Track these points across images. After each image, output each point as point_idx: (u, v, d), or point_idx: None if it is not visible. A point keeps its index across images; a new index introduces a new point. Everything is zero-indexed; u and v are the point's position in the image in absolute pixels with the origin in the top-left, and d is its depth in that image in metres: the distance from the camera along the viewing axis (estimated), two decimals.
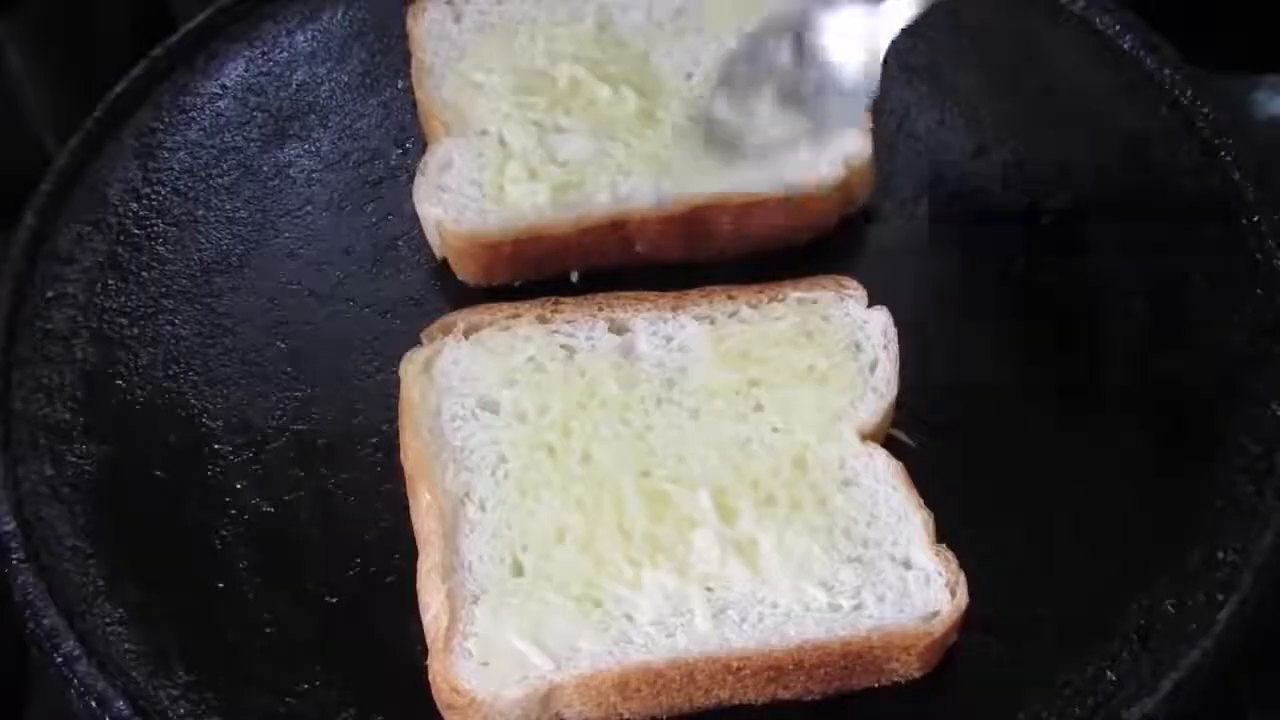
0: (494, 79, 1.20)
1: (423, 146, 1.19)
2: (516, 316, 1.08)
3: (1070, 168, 1.20)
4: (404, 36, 1.24)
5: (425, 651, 0.95)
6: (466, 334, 1.07)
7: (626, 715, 0.94)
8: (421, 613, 0.96)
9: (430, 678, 0.93)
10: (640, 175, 1.14)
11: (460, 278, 1.15)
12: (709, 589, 0.95)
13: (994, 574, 0.97)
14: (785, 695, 0.95)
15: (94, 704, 0.95)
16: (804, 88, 1.12)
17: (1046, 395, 1.09)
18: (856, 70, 1.11)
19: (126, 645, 0.98)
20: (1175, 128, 1.21)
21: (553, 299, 1.09)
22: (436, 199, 1.13)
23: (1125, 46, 1.25)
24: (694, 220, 1.13)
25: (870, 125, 1.17)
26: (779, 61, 1.13)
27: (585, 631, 0.93)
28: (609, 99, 1.18)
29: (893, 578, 0.96)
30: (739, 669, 0.93)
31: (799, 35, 1.13)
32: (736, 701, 0.95)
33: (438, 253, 1.15)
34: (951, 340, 1.11)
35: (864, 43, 1.11)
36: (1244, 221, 1.15)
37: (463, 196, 1.14)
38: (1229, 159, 1.18)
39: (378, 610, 0.99)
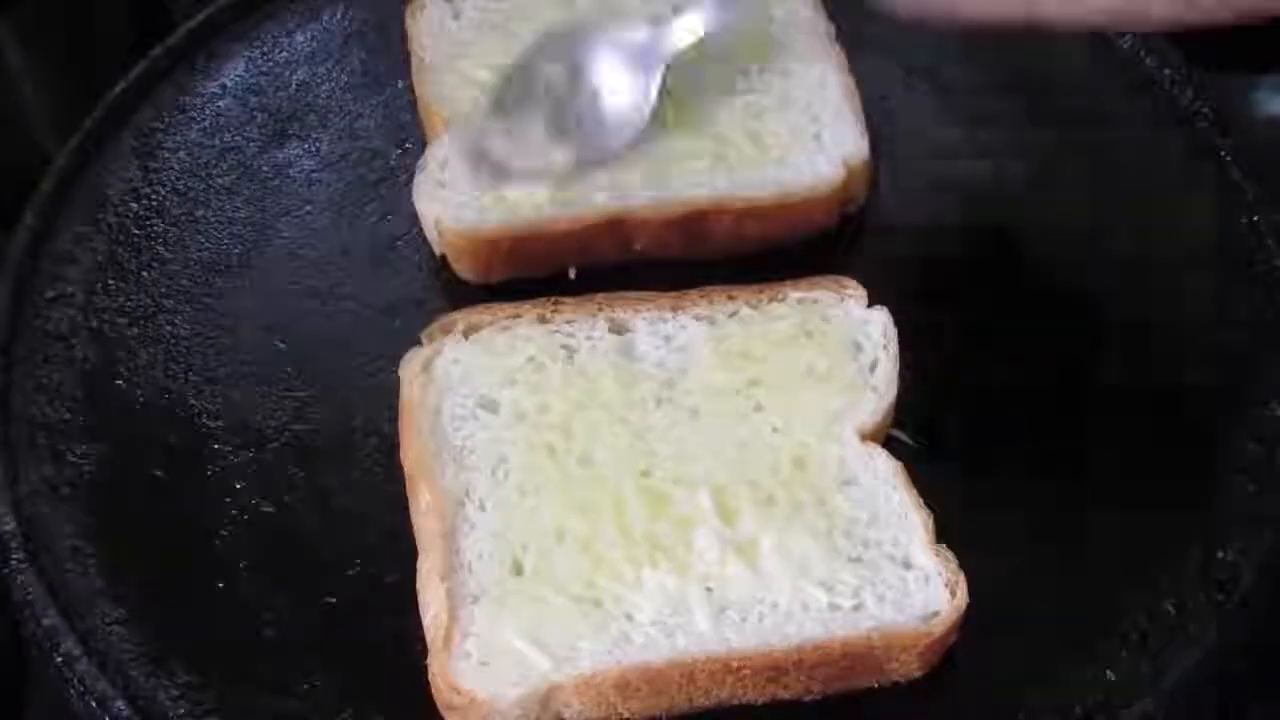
0: (493, 76, 1.20)
1: (422, 146, 1.19)
2: (516, 316, 1.08)
3: (1069, 168, 1.20)
4: (404, 35, 1.24)
5: (425, 651, 0.95)
6: (466, 334, 1.07)
7: (626, 715, 0.94)
8: (421, 613, 0.96)
9: (430, 678, 0.93)
10: (639, 173, 1.14)
11: (459, 274, 1.15)
12: (709, 589, 0.95)
13: (994, 574, 0.97)
14: (785, 695, 0.95)
15: (94, 704, 0.95)
16: (573, 116, 1.12)
17: (1046, 395, 1.09)
18: (625, 101, 1.10)
19: (126, 645, 0.97)
20: (1175, 128, 1.21)
21: (553, 299, 1.09)
22: (435, 196, 1.13)
23: (1125, 46, 1.25)
24: (692, 220, 1.13)
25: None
26: (551, 86, 1.12)
27: (585, 631, 0.93)
28: None
29: (893, 578, 0.96)
30: (739, 669, 0.92)
31: (572, 59, 1.12)
32: (736, 701, 0.95)
33: (436, 249, 1.15)
34: (951, 340, 1.11)
35: (638, 69, 1.10)
36: (1244, 221, 1.15)
37: (461, 194, 1.14)
38: (1229, 159, 1.18)
39: (378, 610, 0.99)
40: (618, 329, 1.08)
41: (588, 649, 0.93)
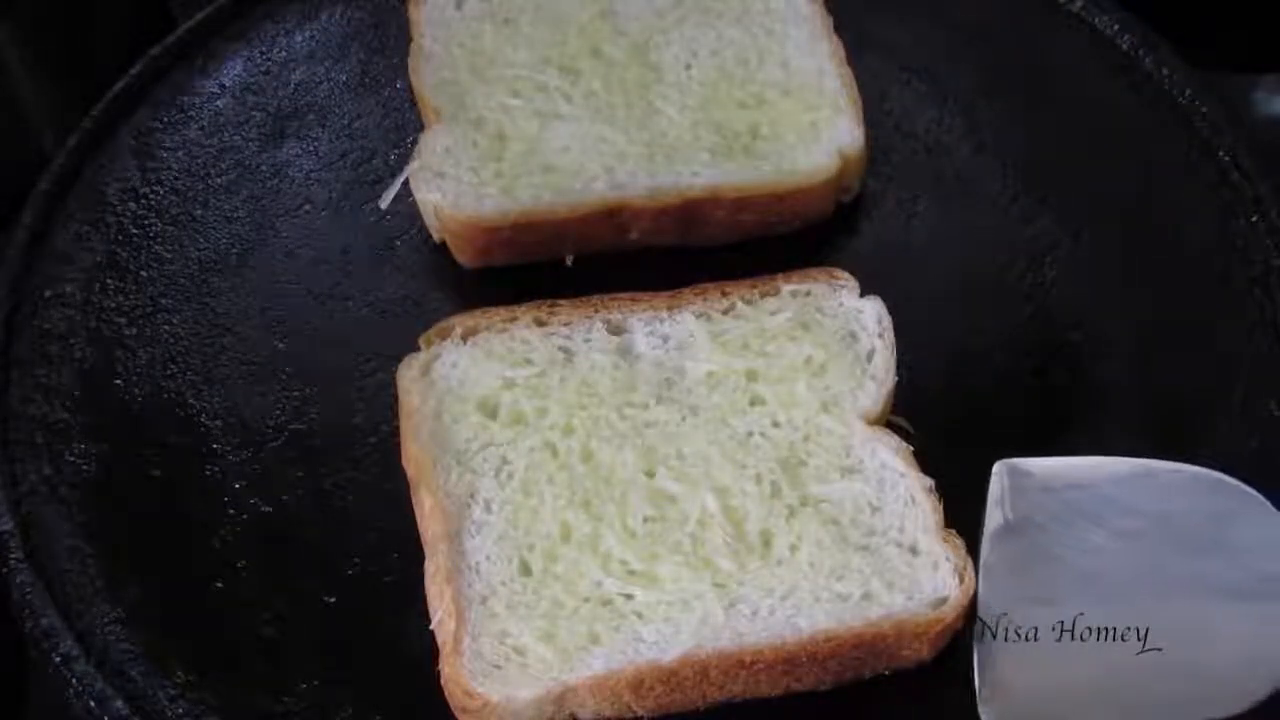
0: (493, 65, 1.20)
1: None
2: (513, 319, 1.08)
3: (1068, 167, 1.20)
4: (403, 35, 1.24)
5: (425, 651, 0.94)
6: (464, 337, 1.07)
7: (641, 713, 0.94)
8: (430, 616, 0.95)
9: (442, 682, 0.93)
10: (637, 163, 1.14)
11: (458, 260, 1.15)
12: (718, 584, 0.95)
13: None
14: (799, 687, 0.95)
15: (93, 704, 0.95)
16: None
17: (1046, 391, 1.09)
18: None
19: (125, 645, 0.97)
20: (1175, 128, 1.21)
21: (549, 301, 1.09)
22: (435, 184, 1.13)
23: (1125, 46, 1.25)
24: (689, 209, 1.13)
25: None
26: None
27: (596, 631, 0.93)
28: (608, 87, 1.19)
29: (901, 564, 0.96)
30: (751, 663, 0.92)
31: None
32: (750, 695, 0.94)
33: (435, 236, 1.15)
34: (951, 340, 1.12)
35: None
36: (1244, 221, 1.15)
37: (460, 182, 1.14)
38: (1229, 159, 1.18)
39: (378, 610, 0.99)
40: (615, 329, 1.08)
41: (599, 649, 0.92)
